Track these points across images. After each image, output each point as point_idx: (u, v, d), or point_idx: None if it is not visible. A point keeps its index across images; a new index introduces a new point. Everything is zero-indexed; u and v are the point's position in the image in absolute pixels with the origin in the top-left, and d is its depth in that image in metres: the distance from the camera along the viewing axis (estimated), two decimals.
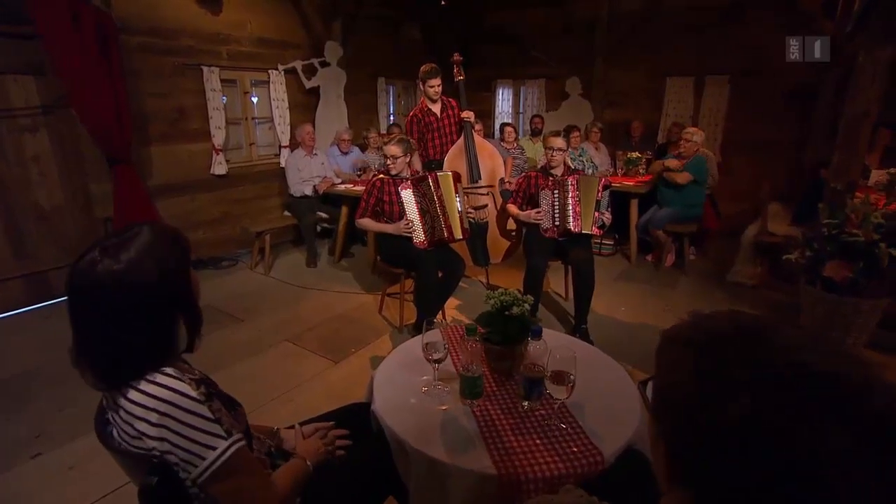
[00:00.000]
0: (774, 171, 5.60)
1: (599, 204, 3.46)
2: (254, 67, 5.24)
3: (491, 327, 1.67)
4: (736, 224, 5.36)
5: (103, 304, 0.96)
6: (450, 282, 3.34)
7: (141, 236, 1.02)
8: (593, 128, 5.98)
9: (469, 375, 1.52)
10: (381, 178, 3.31)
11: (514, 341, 1.67)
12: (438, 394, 1.62)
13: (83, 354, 1.00)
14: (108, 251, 0.98)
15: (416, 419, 1.49)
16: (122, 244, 1.00)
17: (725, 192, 5.49)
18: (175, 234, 1.06)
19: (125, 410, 1.00)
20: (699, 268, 4.86)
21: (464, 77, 4.18)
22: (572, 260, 3.40)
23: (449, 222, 3.32)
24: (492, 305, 1.68)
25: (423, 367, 1.70)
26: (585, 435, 1.42)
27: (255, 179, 5.42)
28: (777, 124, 5.67)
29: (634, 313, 3.87)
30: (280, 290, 4.42)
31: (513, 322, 1.67)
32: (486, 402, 1.58)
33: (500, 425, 1.47)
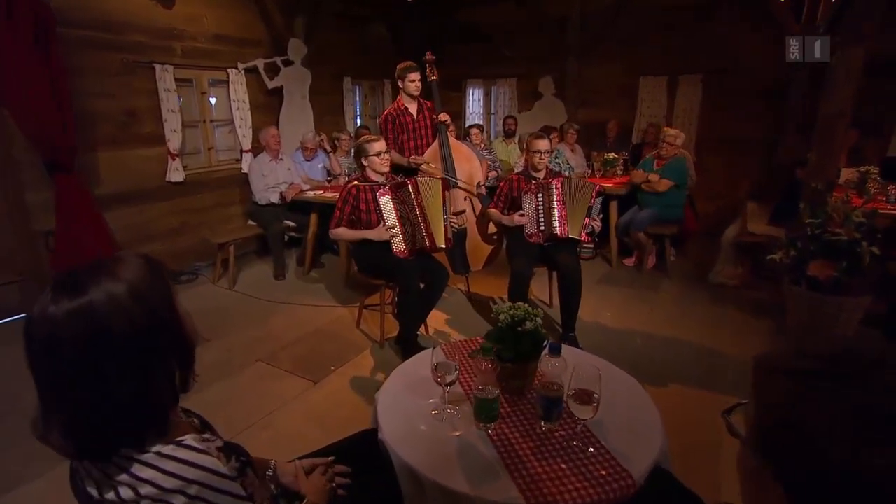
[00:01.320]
0: (748, 169, 5.80)
1: (591, 210, 3.48)
2: (211, 66, 5.09)
3: (502, 344, 1.63)
4: (713, 224, 5.54)
5: (75, 356, 0.82)
6: (433, 293, 3.30)
7: (113, 268, 0.88)
8: (570, 129, 6.05)
9: (484, 398, 1.48)
10: (356, 184, 3.24)
11: (528, 358, 1.64)
12: (450, 418, 1.57)
13: (53, 422, 0.85)
14: (73, 289, 0.84)
15: (430, 447, 1.44)
16: (92, 279, 0.85)
17: (701, 191, 5.64)
18: (154, 263, 0.94)
19: (135, 490, 0.84)
20: (681, 269, 4.97)
21: (437, 77, 4.18)
22: (558, 266, 3.40)
23: (430, 230, 3.28)
24: (502, 321, 1.65)
25: (429, 388, 1.66)
26: (612, 456, 1.40)
27: (215, 186, 5.26)
28: (749, 122, 5.88)
29: (620, 318, 3.93)
30: (247, 305, 4.29)
31: (525, 338, 1.64)
32: (501, 424, 1.54)
33: (521, 449, 1.44)
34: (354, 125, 6.96)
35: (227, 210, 5.40)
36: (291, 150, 5.62)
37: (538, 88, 7.09)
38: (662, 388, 2.94)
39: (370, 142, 3.26)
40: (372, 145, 3.25)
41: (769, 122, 5.71)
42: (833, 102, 3.44)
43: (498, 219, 3.69)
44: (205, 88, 5.12)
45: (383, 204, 3.19)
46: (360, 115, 7.35)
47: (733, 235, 4.46)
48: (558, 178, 3.52)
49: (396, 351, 3.39)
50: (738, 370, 3.15)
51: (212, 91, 5.25)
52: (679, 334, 3.63)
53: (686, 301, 4.23)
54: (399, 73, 4.03)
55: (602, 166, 5.63)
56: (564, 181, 3.47)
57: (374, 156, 3.25)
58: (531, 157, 3.56)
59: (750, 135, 5.89)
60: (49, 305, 0.83)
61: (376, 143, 3.25)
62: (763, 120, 5.77)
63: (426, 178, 3.49)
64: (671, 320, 3.87)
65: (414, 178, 3.36)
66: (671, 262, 4.96)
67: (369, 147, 3.25)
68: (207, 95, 5.17)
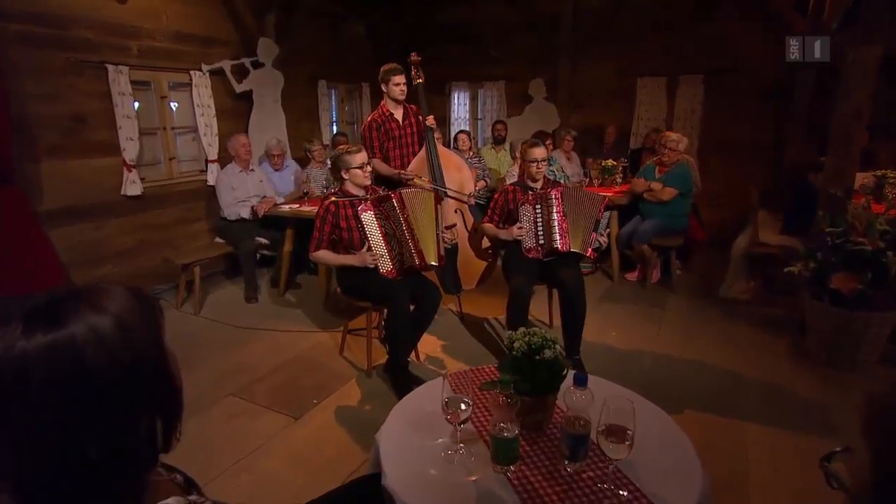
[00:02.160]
0: (753, 174, 5.88)
1: (599, 224, 3.47)
2: (172, 67, 5.01)
3: (518, 375, 1.58)
4: (719, 233, 5.59)
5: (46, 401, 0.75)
6: (424, 314, 3.26)
7: (97, 299, 0.81)
8: (566, 135, 6.07)
9: (503, 437, 1.42)
10: (333, 201, 3.21)
11: (547, 390, 1.59)
12: (463, 460, 1.51)
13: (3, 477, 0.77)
14: (51, 320, 0.77)
15: (442, 494, 1.38)
16: (72, 310, 0.78)
17: (704, 198, 5.70)
18: (141, 295, 0.87)
19: None
20: (687, 284, 5.00)
21: (423, 79, 4.18)
22: (560, 283, 3.38)
23: (419, 246, 3.25)
24: (517, 349, 1.60)
25: (436, 426, 1.60)
26: (648, 501, 1.34)
27: (177, 200, 5.16)
28: (754, 125, 5.99)
29: (626, 338, 3.92)
30: (216, 332, 4.19)
31: (543, 368, 1.59)
32: (521, 466, 1.49)
33: (545, 494, 1.38)
34: (330, 132, 6.92)
35: (191, 227, 5.30)
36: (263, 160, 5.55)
37: (528, 91, 7.14)
38: (677, 413, 2.92)
39: (351, 153, 3.22)
40: (353, 157, 3.20)
41: (774, 124, 5.82)
42: (849, 104, 3.50)
43: (494, 233, 3.67)
44: (165, 92, 5.04)
45: (365, 221, 3.16)
46: (336, 122, 7.32)
47: (744, 246, 4.50)
48: (557, 187, 3.51)
49: (386, 380, 3.33)
50: (758, 393, 3.15)
51: (173, 95, 5.17)
52: (690, 354, 3.64)
53: (695, 318, 4.25)
54: (382, 75, 4.02)
55: (600, 174, 5.66)
56: (565, 191, 3.47)
57: (357, 169, 3.21)
58: (528, 166, 3.56)
59: (754, 138, 6.00)
60: (19, 339, 0.75)
61: (358, 155, 3.21)
62: (767, 122, 5.89)
63: (412, 190, 3.46)
64: (681, 339, 3.88)
65: (398, 191, 3.32)
66: (677, 275, 4.99)
67: (350, 159, 3.20)
68: (168, 100, 5.09)
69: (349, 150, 3.23)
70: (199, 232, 5.34)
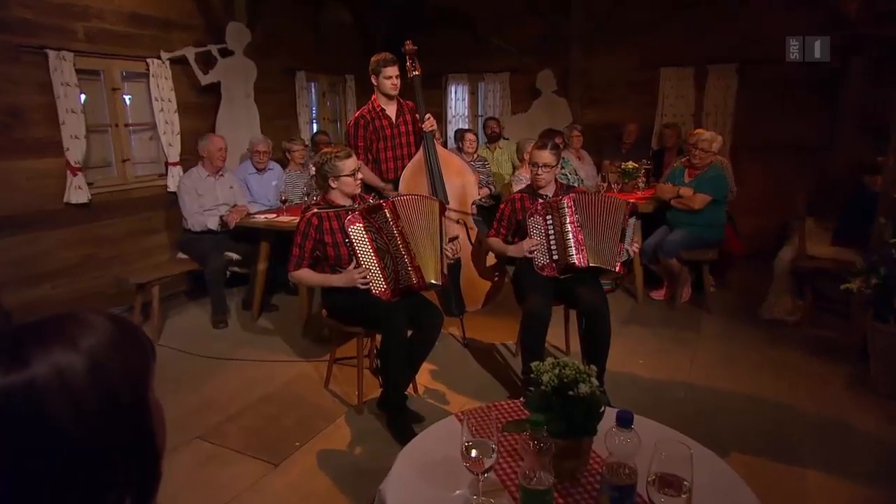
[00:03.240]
0: (797, 177, 5.89)
1: (625, 234, 3.44)
2: (126, 55, 4.98)
3: (548, 414, 1.53)
4: (758, 245, 5.60)
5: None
6: (423, 341, 3.24)
7: (71, 331, 0.79)
8: (573, 131, 6.09)
9: (535, 489, 1.38)
10: (316, 212, 3.20)
11: (582, 432, 1.55)
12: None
13: None
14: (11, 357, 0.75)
15: None
16: (39, 346, 0.76)
17: (740, 205, 5.71)
18: (128, 329, 0.84)
19: None
20: (723, 303, 4.99)
21: (420, 72, 4.19)
22: (580, 303, 3.36)
23: (416, 262, 3.23)
24: (547, 383, 1.56)
25: (452, 474, 1.57)
26: None
27: (132, 209, 5.12)
28: (797, 120, 6.00)
29: (656, 366, 3.92)
30: (178, 363, 4.14)
31: (577, 406, 1.56)
32: None
33: None
34: (310, 131, 6.93)
35: (148, 240, 5.26)
36: (233, 163, 5.53)
37: (536, 85, 7.17)
38: (721, 455, 2.87)
39: (339, 158, 3.17)
40: (344, 163, 3.16)
41: (821, 119, 5.84)
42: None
43: (501, 249, 3.68)
44: (117, 83, 5.01)
45: (354, 234, 3.14)
46: (316, 119, 7.32)
47: (788, 260, 4.50)
48: (570, 194, 3.50)
49: (379, 417, 3.30)
50: (815, 432, 3.12)
51: (126, 87, 5.15)
52: (732, 385, 3.63)
53: (735, 342, 4.24)
54: (373, 67, 4.02)
55: (620, 178, 5.65)
56: (577, 197, 3.46)
57: (347, 177, 3.18)
58: (530, 170, 3.59)
59: (797, 135, 6.01)
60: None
61: (348, 161, 3.17)
62: (813, 117, 5.91)
63: (407, 196, 3.43)
64: (719, 367, 3.87)
65: (391, 200, 3.31)
66: (711, 293, 4.98)
67: (341, 165, 3.16)
68: (121, 92, 5.07)
69: (337, 154, 3.18)
70: (157, 246, 5.31)
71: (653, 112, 6.73)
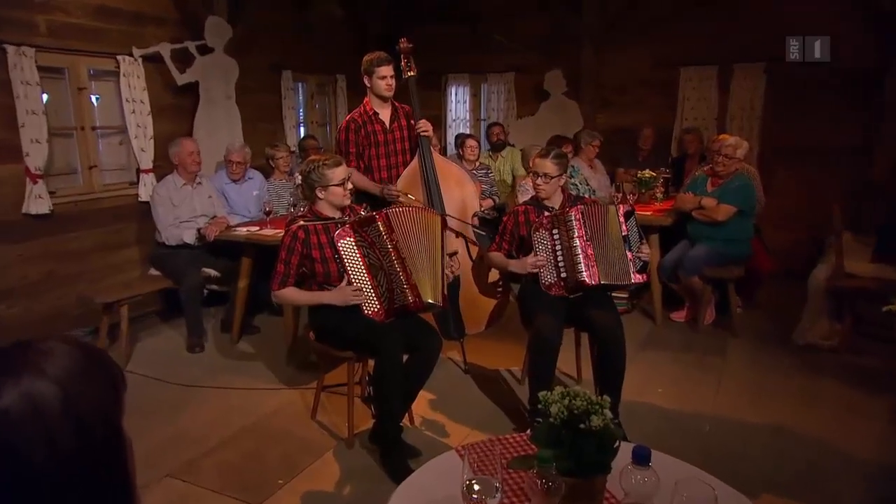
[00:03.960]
0: (833, 186, 5.90)
1: (629, 239, 3.48)
2: (94, 51, 5.00)
3: (557, 449, 1.53)
4: (789, 262, 5.60)
5: None
6: (420, 367, 3.26)
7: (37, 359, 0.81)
8: (591, 141, 6.08)
9: None
10: (302, 225, 3.22)
11: (595, 469, 1.55)
12: None
13: None
14: None
15: None
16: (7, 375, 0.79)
17: (768, 217, 5.73)
18: (98, 356, 0.86)
19: None
20: (752, 325, 4.99)
21: (416, 72, 4.24)
22: (592, 326, 3.38)
23: (412, 280, 3.25)
24: (556, 415, 1.55)
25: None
26: None
27: (99, 221, 5.13)
28: (832, 124, 6.01)
29: (676, 395, 3.92)
30: (149, 392, 4.13)
31: (589, 440, 1.55)
32: None
33: None
34: (297, 135, 6.96)
35: (117, 255, 5.27)
36: (211, 169, 5.54)
37: (544, 86, 7.22)
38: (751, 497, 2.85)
39: (328, 166, 3.19)
40: (332, 171, 3.18)
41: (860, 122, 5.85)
42: None
43: (503, 265, 3.70)
44: (83, 82, 5.03)
45: (344, 249, 3.15)
46: (304, 123, 7.35)
47: (824, 278, 4.49)
48: (577, 205, 3.54)
49: (372, 452, 3.29)
50: (858, 472, 3.09)
51: (94, 86, 5.17)
52: (762, 417, 3.62)
53: (765, 370, 4.24)
54: (366, 66, 4.07)
55: (636, 188, 5.67)
56: (585, 209, 3.49)
57: (337, 186, 3.20)
58: (531, 178, 3.65)
59: (832, 140, 6.02)
60: None
61: (337, 169, 3.19)
62: (851, 120, 5.92)
63: (403, 207, 3.46)
64: (748, 397, 3.86)
65: (385, 210, 3.32)
66: (738, 315, 4.97)
67: (329, 174, 3.18)
68: (88, 92, 5.08)
69: (325, 161, 3.21)
70: (127, 261, 5.32)
71: (672, 115, 6.76)
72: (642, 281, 3.54)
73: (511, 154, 6.63)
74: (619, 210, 3.51)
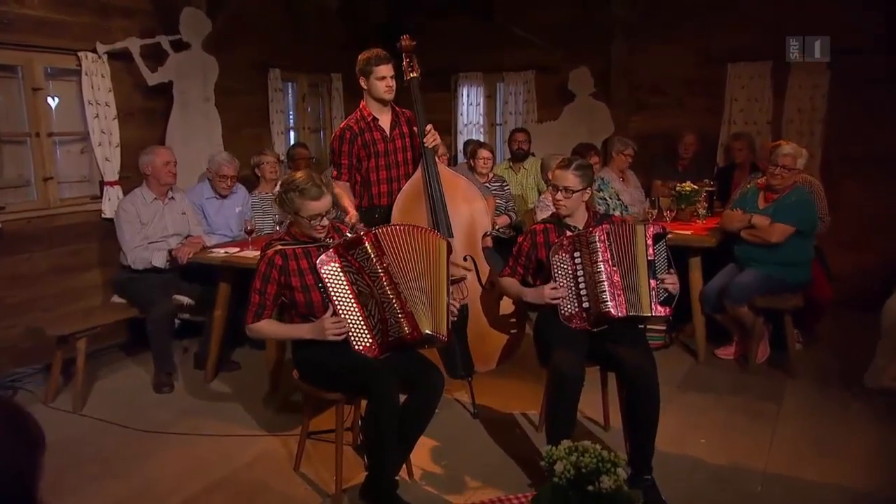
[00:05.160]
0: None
1: (653, 265, 3.46)
2: (52, 46, 5.04)
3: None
4: (857, 290, 5.56)
5: None
6: (420, 409, 3.26)
7: None
8: (623, 150, 6.06)
9: None
10: (280, 249, 3.25)
11: None
12: None
13: None
14: None
15: None
16: None
17: (831, 237, 5.66)
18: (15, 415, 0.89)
19: None
20: (813, 365, 4.95)
21: (419, 73, 4.28)
22: (620, 365, 3.36)
23: (408, 308, 3.24)
24: (560, 474, 1.53)
25: None
26: None
27: (54, 241, 5.16)
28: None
29: (722, 448, 3.86)
30: (107, 439, 4.15)
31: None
32: None
33: None
34: (286, 142, 7.00)
35: (75, 279, 5.29)
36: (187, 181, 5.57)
37: (568, 86, 7.24)
38: None
39: (305, 194, 3.12)
40: (308, 204, 3.12)
41: None
42: None
43: (517, 293, 3.72)
44: (39, 82, 5.07)
45: (328, 277, 3.16)
46: (294, 128, 7.39)
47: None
48: (604, 224, 3.55)
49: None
50: None
51: (52, 87, 5.22)
52: (823, 476, 3.54)
53: (829, 419, 4.18)
54: (362, 66, 4.09)
55: (675, 203, 5.64)
56: (612, 229, 3.50)
57: (307, 219, 3.19)
58: (550, 193, 3.66)
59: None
60: None
61: (318, 203, 3.14)
62: None
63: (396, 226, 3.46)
64: (807, 452, 3.79)
65: (374, 229, 3.33)
66: (796, 352, 4.94)
67: (302, 206, 3.13)
68: (44, 93, 5.13)
69: (304, 187, 3.12)
70: (87, 287, 5.34)
71: (718, 119, 6.76)
72: (665, 315, 3.52)
73: (534, 165, 6.63)
74: (648, 230, 3.49)
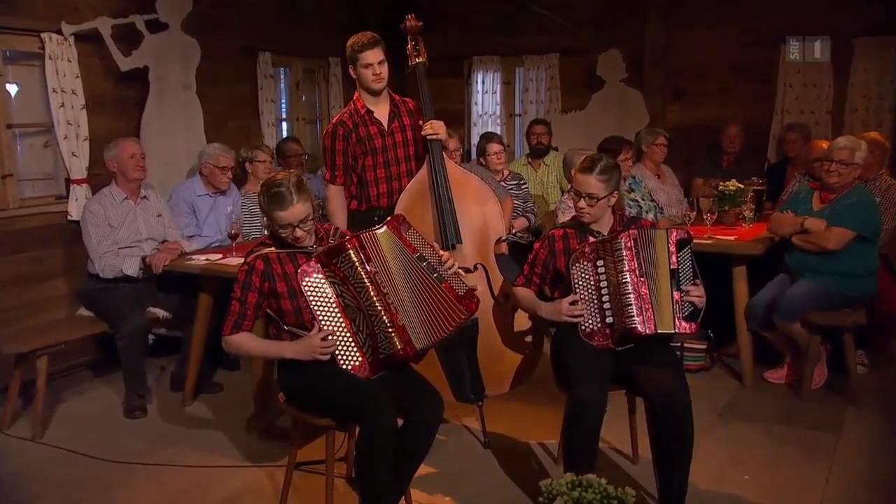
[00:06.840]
0: None
1: (677, 275, 3.45)
2: (11, 27, 5.07)
3: None
4: None
5: None
6: (418, 435, 3.26)
7: None
8: (654, 140, 6.05)
9: None
10: (263, 253, 3.27)
11: None
12: None
13: None
14: None
15: None
16: None
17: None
18: None
19: None
20: (877, 391, 4.93)
21: (425, 58, 4.28)
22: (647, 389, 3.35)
23: (399, 320, 3.23)
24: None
25: None
26: None
27: (13, 246, 5.20)
28: None
29: (771, 485, 3.83)
30: (71, 470, 4.16)
31: None
32: None
33: None
34: (278, 134, 7.02)
35: (36, 290, 5.33)
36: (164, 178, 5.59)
37: (597, 71, 7.29)
38: None
39: (271, 200, 3.13)
40: (273, 213, 3.14)
41: None
42: None
43: (531, 307, 3.73)
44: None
45: (309, 289, 3.15)
46: (287, 120, 7.43)
47: None
48: (631, 229, 3.54)
49: None
50: None
51: (11, 72, 5.27)
52: None
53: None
54: (348, 53, 4.12)
55: (717, 204, 5.61)
56: (640, 234, 3.49)
57: (282, 228, 3.19)
58: (572, 198, 3.66)
59: None
60: None
61: (292, 210, 3.13)
62: None
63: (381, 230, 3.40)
64: (872, 490, 3.78)
65: (358, 234, 3.32)
66: (858, 375, 4.90)
67: (278, 215, 3.13)
68: (2, 80, 5.17)
69: (272, 192, 3.13)
70: (49, 298, 5.38)
71: (769, 108, 6.75)
72: (689, 332, 3.51)
73: (556, 161, 6.61)
74: (671, 236, 3.48)
